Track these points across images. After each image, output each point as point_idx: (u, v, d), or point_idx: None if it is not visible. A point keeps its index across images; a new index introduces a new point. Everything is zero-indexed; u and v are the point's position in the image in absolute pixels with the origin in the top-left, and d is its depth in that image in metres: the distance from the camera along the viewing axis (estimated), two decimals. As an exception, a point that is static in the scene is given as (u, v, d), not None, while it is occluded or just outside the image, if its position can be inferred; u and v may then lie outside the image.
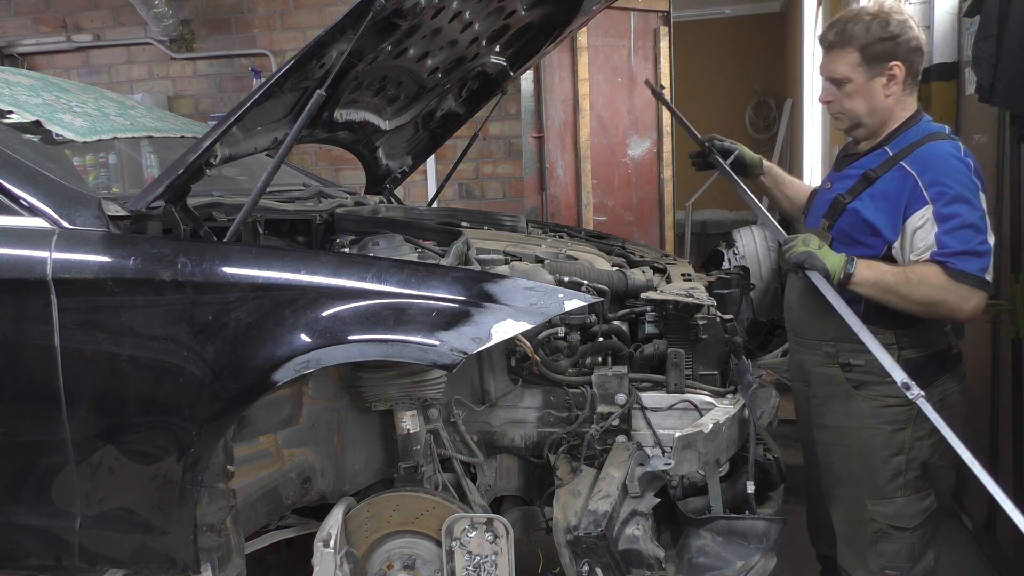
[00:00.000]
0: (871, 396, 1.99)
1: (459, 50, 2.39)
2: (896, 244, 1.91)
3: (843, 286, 1.90)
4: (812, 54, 5.17)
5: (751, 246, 5.30)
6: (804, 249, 1.94)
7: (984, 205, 1.85)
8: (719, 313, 2.04)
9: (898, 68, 1.93)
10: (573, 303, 1.65)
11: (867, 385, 1.99)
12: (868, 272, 1.89)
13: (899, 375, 1.82)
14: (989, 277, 1.84)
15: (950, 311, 1.86)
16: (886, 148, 1.98)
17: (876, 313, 1.92)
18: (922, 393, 1.80)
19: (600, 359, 1.99)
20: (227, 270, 1.64)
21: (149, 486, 1.67)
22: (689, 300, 1.93)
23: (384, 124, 2.62)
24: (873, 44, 1.91)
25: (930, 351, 1.97)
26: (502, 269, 2.03)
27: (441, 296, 1.61)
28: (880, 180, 1.94)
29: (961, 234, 1.82)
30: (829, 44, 1.99)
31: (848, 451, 2.04)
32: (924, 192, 1.86)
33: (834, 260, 1.91)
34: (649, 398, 1.92)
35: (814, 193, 2.24)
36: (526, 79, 4.09)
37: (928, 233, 1.85)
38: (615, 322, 2.05)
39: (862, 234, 1.96)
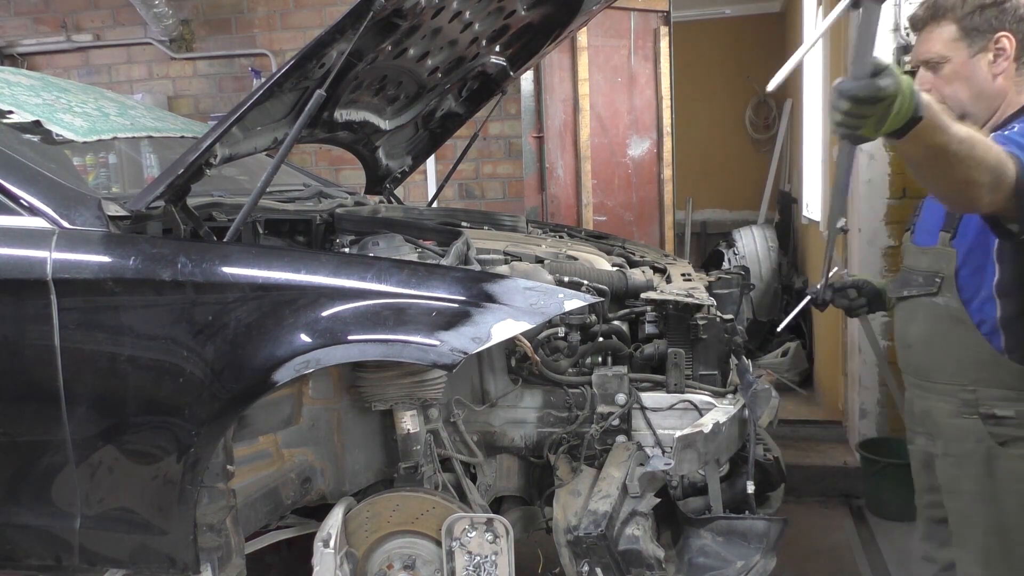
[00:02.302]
0: (1019, 456, 1.64)
1: (459, 50, 2.39)
2: None
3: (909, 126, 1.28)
4: (812, 54, 5.17)
5: (751, 246, 5.31)
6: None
7: None
8: (719, 313, 2.04)
9: (1007, 40, 1.61)
10: (573, 303, 1.65)
11: (1019, 442, 1.64)
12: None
13: None
14: None
15: (994, 179, 1.39)
16: (999, 135, 1.57)
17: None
18: None
19: (600, 359, 1.99)
20: (227, 270, 1.64)
21: (149, 486, 1.67)
22: (689, 300, 1.93)
23: (384, 124, 2.62)
24: (973, 14, 1.61)
25: None
26: (502, 269, 2.03)
27: (441, 296, 1.61)
28: None
29: None
30: (920, 21, 1.68)
31: (989, 524, 1.69)
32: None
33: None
34: (649, 398, 1.92)
35: (918, 207, 1.89)
36: (526, 79, 4.08)
37: None
38: (615, 322, 2.05)
39: (990, 236, 1.60)
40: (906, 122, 1.26)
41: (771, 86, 1.35)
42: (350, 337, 1.59)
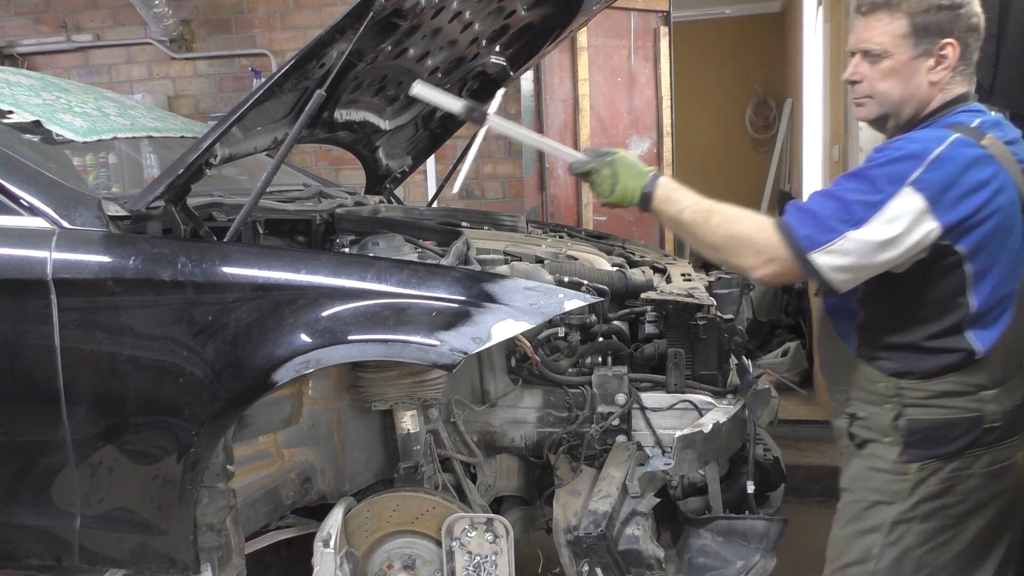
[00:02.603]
0: (864, 455, 1.60)
1: (459, 50, 2.39)
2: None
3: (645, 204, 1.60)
4: (812, 54, 5.17)
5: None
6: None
7: (908, 205, 1.39)
8: (719, 313, 2.04)
9: (951, 48, 1.50)
10: (573, 303, 1.65)
11: (866, 443, 1.60)
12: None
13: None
14: (820, 260, 1.43)
15: (751, 253, 1.50)
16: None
17: (872, 348, 1.57)
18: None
19: (600, 359, 1.99)
20: (227, 270, 1.64)
21: (149, 486, 1.67)
22: (689, 300, 1.93)
23: (384, 124, 2.62)
24: (928, 12, 1.49)
25: (949, 416, 1.50)
26: (502, 269, 2.03)
27: (441, 296, 1.61)
28: None
29: (823, 200, 1.46)
30: (871, 6, 1.54)
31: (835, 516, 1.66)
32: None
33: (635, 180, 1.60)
34: (649, 398, 1.92)
35: None
36: (526, 79, 4.09)
37: None
38: (615, 322, 2.05)
39: None
40: (642, 196, 1.60)
41: (455, 189, 1.63)
42: (350, 337, 1.59)
